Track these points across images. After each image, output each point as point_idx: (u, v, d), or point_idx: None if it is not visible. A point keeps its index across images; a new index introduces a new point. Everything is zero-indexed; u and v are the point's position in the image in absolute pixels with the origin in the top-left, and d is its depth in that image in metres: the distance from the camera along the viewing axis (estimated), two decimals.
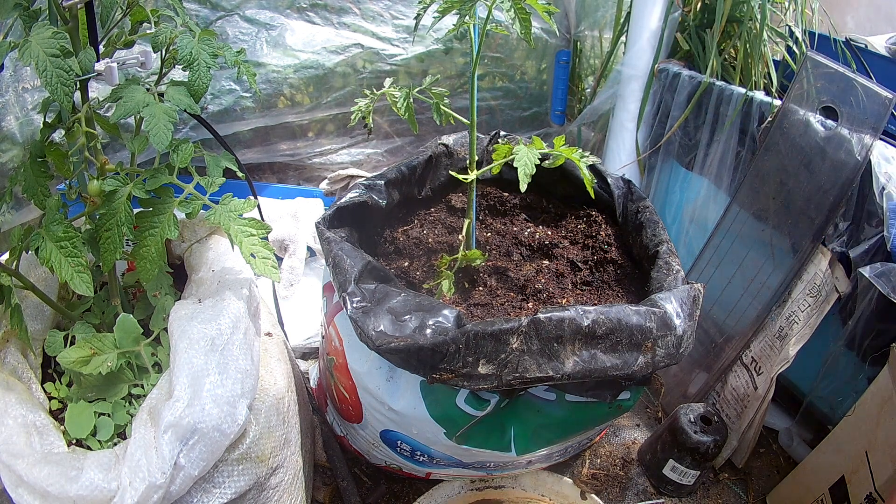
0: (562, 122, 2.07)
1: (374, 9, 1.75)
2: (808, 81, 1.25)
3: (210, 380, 0.81)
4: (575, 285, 1.17)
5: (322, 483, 1.30)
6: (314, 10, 1.71)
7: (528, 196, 1.35)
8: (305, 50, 1.70)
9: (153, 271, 0.86)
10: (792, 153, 1.26)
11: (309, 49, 1.70)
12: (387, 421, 1.07)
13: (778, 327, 1.31)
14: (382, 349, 0.90)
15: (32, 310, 1.00)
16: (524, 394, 1.04)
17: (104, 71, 0.86)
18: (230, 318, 0.90)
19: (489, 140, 1.39)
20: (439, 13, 0.90)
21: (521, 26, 0.85)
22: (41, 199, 0.91)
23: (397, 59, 1.78)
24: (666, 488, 1.38)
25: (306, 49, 1.70)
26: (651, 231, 1.17)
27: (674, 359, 0.96)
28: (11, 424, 0.81)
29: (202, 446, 0.78)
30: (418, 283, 1.13)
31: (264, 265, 0.85)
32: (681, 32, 1.59)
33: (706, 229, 1.52)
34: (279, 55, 1.67)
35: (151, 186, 0.87)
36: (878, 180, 1.12)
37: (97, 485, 0.75)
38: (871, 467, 1.07)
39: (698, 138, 1.53)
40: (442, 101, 1.04)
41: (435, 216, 1.30)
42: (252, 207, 0.88)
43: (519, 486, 1.27)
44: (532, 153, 0.95)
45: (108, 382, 0.93)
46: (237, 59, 0.98)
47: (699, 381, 1.49)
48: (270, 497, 0.93)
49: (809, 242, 1.23)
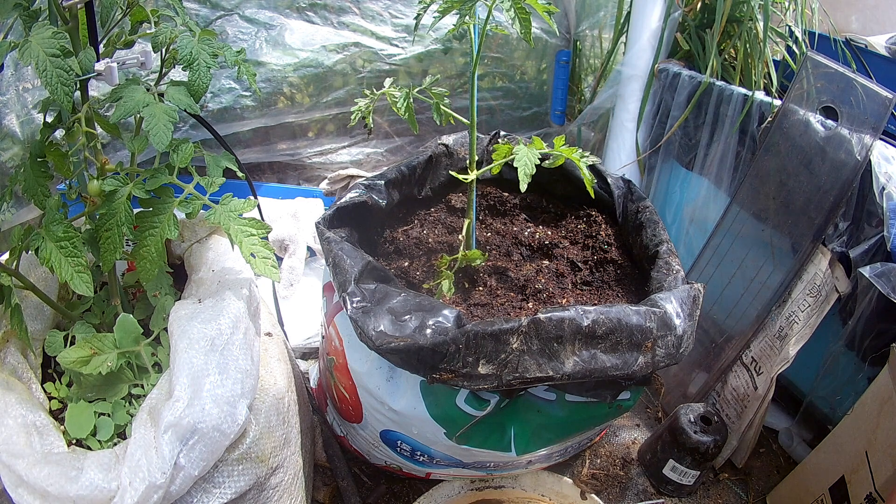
0: (562, 122, 2.07)
1: (373, 8, 1.75)
2: (808, 81, 1.25)
3: (210, 380, 0.82)
4: (575, 285, 1.17)
5: (322, 483, 1.30)
6: (313, 9, 1.71)
7: (528, 196, 1.35)
8: (305, 49, 1.70)
9: (153, 271, 0.86)
10: (792, 153, 1.26)
11: (308, 48, 1.70)
12: (387, 421, 1.07)
13: (778, 327, 1.31)
14: (382, 349, 0.90)
15: (32, 310, 1.00)
16: (524, 394, 1.04)
17: (104, 71, 0.86)
18: (230, 318, 0.90)
19: (489, 140, 1.39)
20: (439, 13, 0.90)
21: (522, 26, 0.85)
22: (41, 199, 0.91)
23: (396, 58, 1.78)
24: (666, 488, 1.38)
25: (305, 48, 1.70)
26: (651, 231, 1.17)
27: (674, 359, 0.96)
28: (11, 424, 0.81)
29: (202, 446, 0.78)
30: (418, 283, 1.13)
31: (264, 265, 0.85)
32: (681, 32, 1.59)
33: (706, 229, 1.52)
34: (279, 54, 1.67)
35: (151, 186, 0.87)
36: (878, 180, 1.12)
37: (97, 485, 0.76)
38: (871, 467, 1.07)
39: (698, 138, 1.53)
40: (442, 101, 1.04)
41: (435, 216, 1.30)
42: (252, 207, 0.88)
43: (519, 486, 1.27)
44: (532, 153, 0.95)
45: (108, 382, 0.93)
46: (237, 58, 0.98)
47: (699, 381, 1.49)
48: (270, 497, 0.93)
49: (809, 242, 1.23)
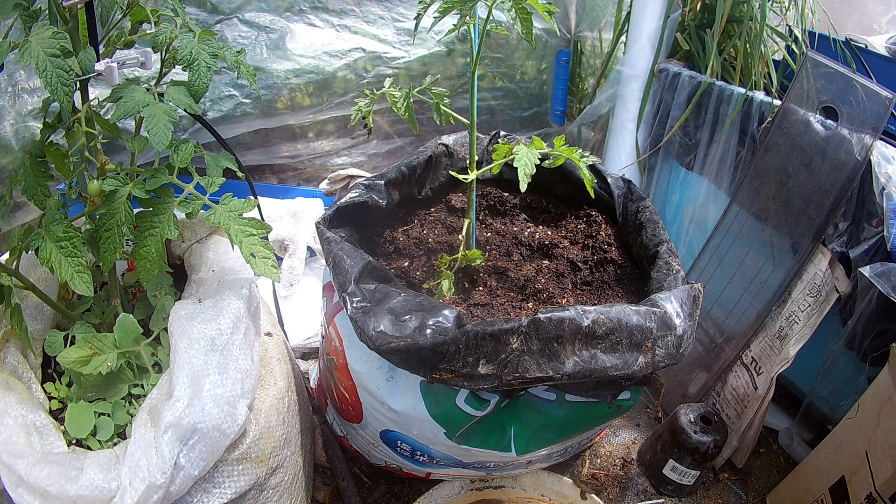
0: (562, 122, 2.07)
1: (375, 11, 1.74)
2: (808, 81, 1.25)
3: (210, 380, 0.82)
4: (575, 285, 1.17)
5: (322, 483, 1.30)
6: (315, 12, 1.70)
7: (528, 196, 1.35)
8: (306, 55, 1.68)
9: (153, 271, 0.86)
10: (792, 153, 1.26)
11: (309, 53, 1.68)
12: (387, 421, 1.07)
13: (778, 327, 1.31)
14: (382, 349, 0.90)
15: (32, 310, 1.00)
16: (524, 394, 1.04)
17: (104, 71, 0.86)
18: (230, 318, 0.90)
19: (489, 140, 1.39)
20: (439, 13, 0.90)
21: (523, 26, 0.85)
22: (41, 199, 0.91)
23: (399, 62, 1.77)
24: (666, 488, 1.38)
25: (307, 53, 1.68)
26: (651, 231, 1.17)
27: (674, 359, 0.96)
28: (11, 424, 0.81)
29: (202, 446, 0.78)
30: (418, 283, 1.13)
31: (264, 265, 0.85)
32: (681, 32, 1.59)
33: (706, 229, 1.52)
34: (279, 59, 1.65)
35: (151, 186, 0.87)
36: (878, 180, 1.12)
37: (97, 485, 0.75)
38: (871, 467, 1.07)
39: (698, 138, 1.53)
40: (442, 101, 1.04)
41: (435, 216, 1.30)
42: (252, 207, 0.88)
43: (519, 486, 1.27)
44: (532, 153, 0.95)
45: (108, 382, 0.93)
46: (237, 58, 0.98)
47: (699, 381, 1.49)
48: (270, 497, 0.93)
49: (809, 242, 1.23)
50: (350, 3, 1.72)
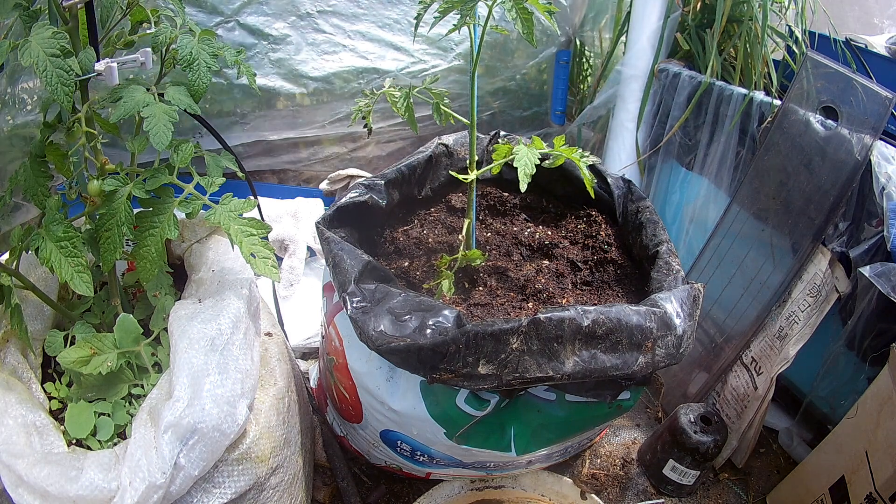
0: (562, 122, 2.07)
1: (390, 15, 1.65)
2: (808, 81, 1.25)
3: (210, 380, 0.82)
4: (575, 285, 1.17)
5: (322, 483, 1.30)
6: (323, 16, 1.58)
7: (528, 196, 1.35)
8: (316, 77, 1.58)
9: (153, 271, 0.86)
10: (792, 153, 1.26)
11: (319, 75, 1.58)
12: (387, 421, 1.07)
13: (778, 327, 1.31)
14: (382, 349, 0.90)
15: (32, 310, 1.00)
16: (524, 394, 1.04)
17: (104, 71, 0.86)
18: (230, 318, 0.90)
19: (489, 140, 1.39)
20: (440, 13, 0.90)
21: (524, 26, 0.85)
22: (41, 199, 0.91)
23: (416, 74, 1.70)
24: (666, 488, 1.38)
25: (316, 76, 1.59)
26: (651, 231, 1.17)
27: (674, 359, 0.96)
28: (11, 424, 0.81)
29: (202, 446, 0.78)
30: (418, 283, 1.13)
31: (264, 265, 0.85)
32: (681, 32, 1.59)
33: (706, 229, 1.52)
34: (285, 80, 1.57)
35: (151, 186, 0.87)
36: (878, 180, 1.12)
37: (97, 485, 0.76)
38: (871, 467, 1.07)
39: (698, 138, 1.53)
40: (442, 101, 1.04)
41: (435, 216, 1.30)
42: (252, 207, 0.88)
43: (519, 486, 1.27)
44: (532, 153, 0.95)
45: (108, 382, 0.93)
46: (237, 58, 0.99)
47: (699, 381, 1.49)
48: (270, 497, 0.93)
49: (809, 242, 1.23)
50: (362, 7, 1.62)
